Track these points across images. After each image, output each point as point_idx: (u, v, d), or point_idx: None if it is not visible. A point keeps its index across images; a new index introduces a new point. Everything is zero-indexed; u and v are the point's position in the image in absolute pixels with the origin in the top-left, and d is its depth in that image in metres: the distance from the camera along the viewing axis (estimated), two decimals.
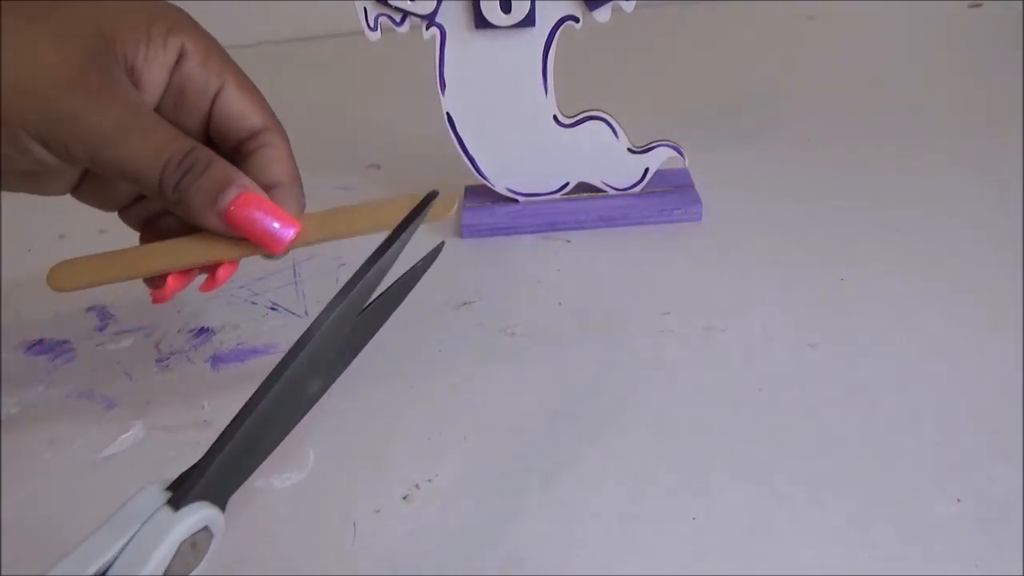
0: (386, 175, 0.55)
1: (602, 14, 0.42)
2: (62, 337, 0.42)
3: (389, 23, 0.42)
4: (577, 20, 0.42)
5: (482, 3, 0.41)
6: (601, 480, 0.31)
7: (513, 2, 0.41)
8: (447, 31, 0.43)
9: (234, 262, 0.31)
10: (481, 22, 0.42)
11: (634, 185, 0.48)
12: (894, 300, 0.39)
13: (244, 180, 0.29)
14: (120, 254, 0.32)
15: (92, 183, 0.33)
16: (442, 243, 0.32)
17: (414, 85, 0.56)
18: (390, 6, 0.42)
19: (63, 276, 0.31)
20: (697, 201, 0.47)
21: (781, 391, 0.34)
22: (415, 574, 0.28)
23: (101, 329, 0.42)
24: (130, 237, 0.35)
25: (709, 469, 0.31)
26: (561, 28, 0.43)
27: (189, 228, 0.30)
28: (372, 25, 0.42)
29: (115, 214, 0.35)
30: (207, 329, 0.41)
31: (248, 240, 0.29)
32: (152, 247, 0.31)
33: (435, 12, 0.42)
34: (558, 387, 0.36)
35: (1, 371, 0.40)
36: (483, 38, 0.43)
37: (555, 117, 0.45)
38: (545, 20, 0.42)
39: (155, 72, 0.28)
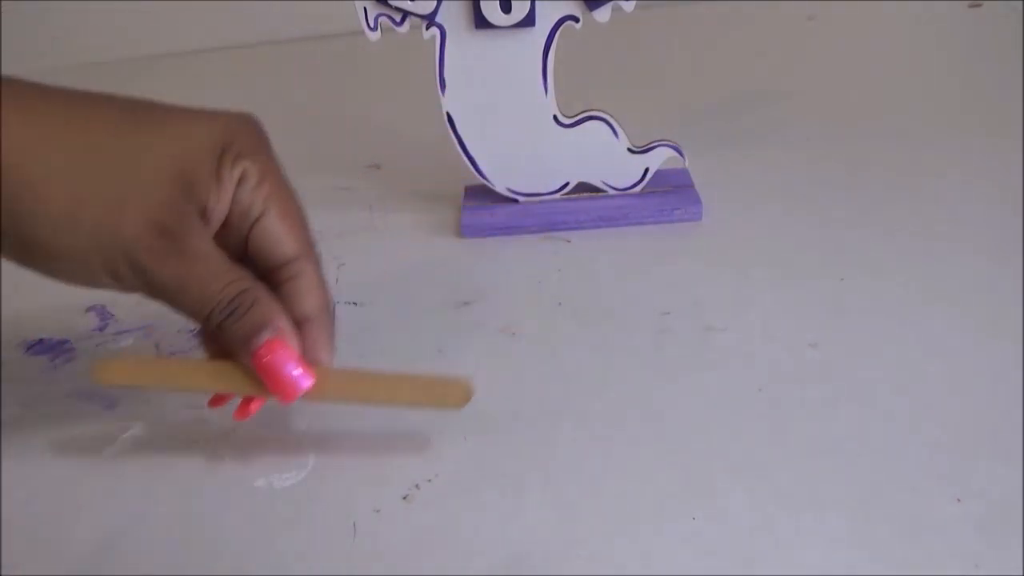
0: (386, 175, 0.55)
1: (602, 14, 0.42)
2: (62, 337, 0.42)
3: (389, 23, 0.42)
4: (577, 20, 0.42)
5: (482, 3, 0.41)
6: (601, 480, 0.31)
7: (513, 2, 0.41)
8: (447, 31, 0.43)
9: (264, 399, 0.32)
10: (481, 22, 0.42)
11: (634, 185, 0.48)
12: (894, 300, 0.39)
13: (280, 323, 0.30)
14: (166, 364, 0.34)
15: None
16: None
17: (414, 85, 0.56)
18: (390, 6, 0.42)
19: (108, 372, 0.31)
20: (697, 201, 0.47)
21: (781, 391, 0.34)
22: (415, 574, 0.28)
23: (101, 329, 0.42)
24: None
25: (709, 469, 0.31)
26: (561, 28, 0.43)
27: None
28: (372, 25, 0.42)
29: None
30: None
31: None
32: (198, 365, 0.32)
33: (435, 12, 0.42)
34: (558, 387, 0.36)
35: (1, 371, 0.40)
36: (483, 38, 0.43)
37: (555, 117, 0.45)
38: (545, 20, 0.42)
39: (222, 205, 0.30)
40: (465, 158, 0.46)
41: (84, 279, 0.28)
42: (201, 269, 0.29)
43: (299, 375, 0.30)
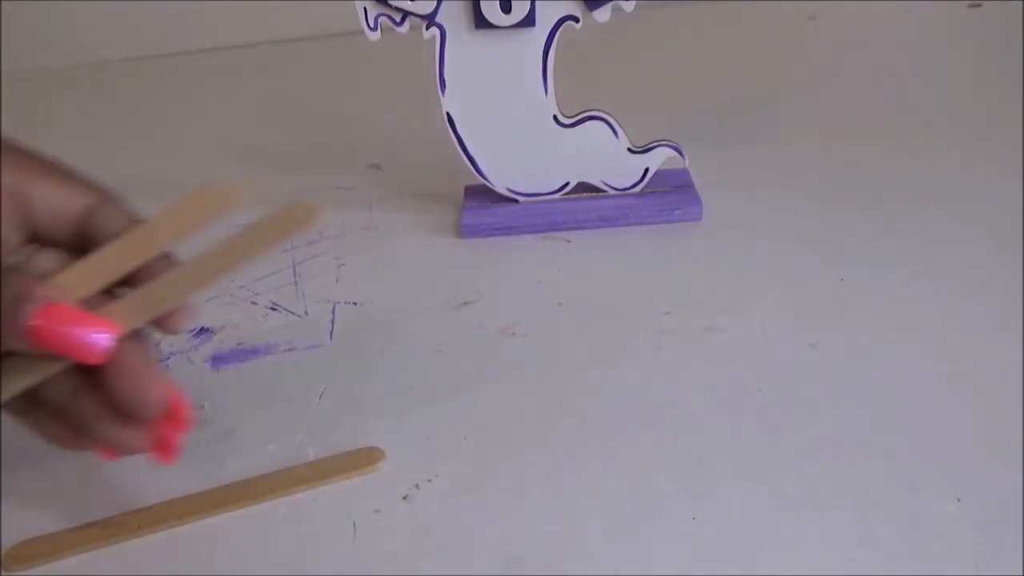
0: (386, 175, 0.55)
1: (602, 14, 0.42)
2: None
3: (389, 23, 0.42)
4: (577, 20, 0.42)
5: (482, 3, 0.41)
6: (601, 480, 0.31)
7: (513, 2, 0.41)
8: (447, 31, 0.43)
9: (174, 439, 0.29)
10: (481, 22, 0.42)
11: (634, 185, 0.48)
12: (894, 300, 0.39)
13: (44, 291, 0.26)
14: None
15: None
16: None
17: (414, 85, 0.56)
18: (390, 6, 0.42)
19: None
20: (697, 201, 0.47)
21: (781, 391, 0.34)
22: (415, 574, 0.28)
23: None
24: None
25: (709, 469, 0.31)
26: (561, 28, 0.43)
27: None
28: (372, 25, 0.42)
29: None
30: (207, 329, 0.41)
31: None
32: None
33: (435, 12, 0.42)
34: (558, 387, 0.36)
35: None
36: (483, 38, 0.43)
37: (555, 117, 0.45)
38: (545, 20, 0.42)
39: None
40: (465, 158, 0.46)
41: None
42: None
43: (90, 333, 0.26)
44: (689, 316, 0.39)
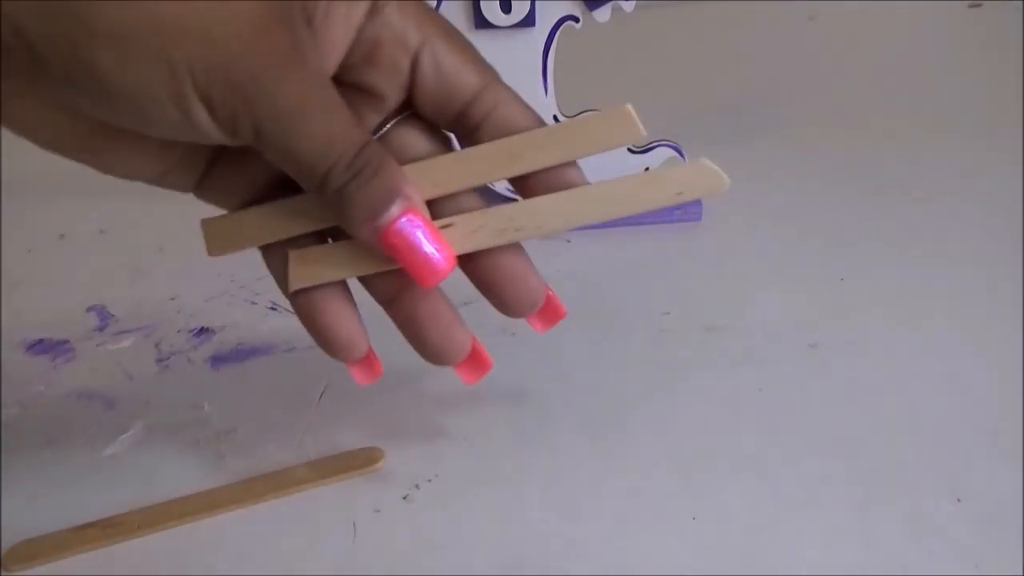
0: None
1: (602, 14, 0.42)
2: (62, 337, 0.42)
3: None
4: (577, 20, 0.42)
5: (482, 3, 0.41)
6: (601, 480, 0.31)
7: (513, 2, 0.41)
8: None
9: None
10: (481, 22, 0.42)
11: None
12: (894, 299, 0.39)
13: (412, 193, 0.24)
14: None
15: (222, 179, 0.26)
16: None
17: None
18: None
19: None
20: (697, 201, 0.47)
21: (781, 391, 0.34)
22: (415, 574, 0.28)
23: (101, 329, 0.42)
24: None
25: (709, 469, 0.31)
26: (561, 28, 0.43)
27: None
28: None
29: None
30: (207, 329, 0.41)
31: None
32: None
33: None
34: (558, 387, 0.36)
35: (1, 371, 0.40)
36: (483, 38, 0.43)
37: (555, 117, 0.45)
38: (545, 20, 0.42)
39: (337, 32, 0.23)
40: None
41: (152, 102, 0.20)
42: (325, 100, 0.22)
43: (435, 254, 0.24)
44: (689, 316, 0.39)
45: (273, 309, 0.43)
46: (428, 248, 0.24)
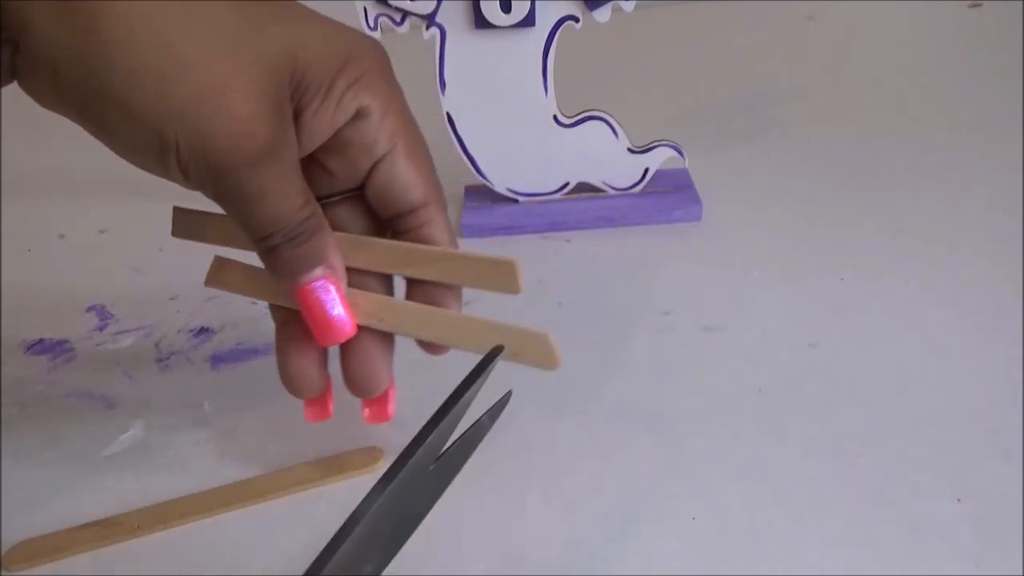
0: None
1: (602, 14, 0.42)
2: (62, 337, 0.42)
3: (389, 23, 0.42)
4: (577, 20, 0.42)
5: (482, 3, 0.41)
6: (601, 480, 0.31)
7: (513, 2, 0.41)
8: (447, 31, 0.43)
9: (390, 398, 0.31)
10: (481, 22, 0.42)
11: (634, 185, 0.48)
12: (894, 300, 0.39)
13: (334, 262, 0.27)
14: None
15: None
16: (509, 392, 0.30)
17: (414, 85, 0.55)
18: (390, 6, 0.42)
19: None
20: (697, 201, 0.47)
21: (781, 391, 0.34)
22: (415, 574, 0.28)
23: (101, 329, 0.42)
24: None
25: (709, 469, 0.31)
26: (561, 28, 0.43)
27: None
28: (372, 25, 0.42)
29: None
30: (207, 329, 0.41)
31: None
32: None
33: (435, 12, 0.42)
34: (558, 387, 0.36)
35: (1, 371, 0.40)
36: (483, 38, 0.43)
37: (555, 117, 0.45)
38: (545, 20, 0.42)
39: (318, 128, 0.26)
40: (465, 158, 0.46)
41: (146, 156, 0.24)
42: (286, 185, 0.25)
43: (341, 317, 0.28)
44: (689, 316, 0.39)
45: None
46: (335, 311, 0.28)
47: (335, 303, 0.28)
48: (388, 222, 0.29)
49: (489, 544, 0.29)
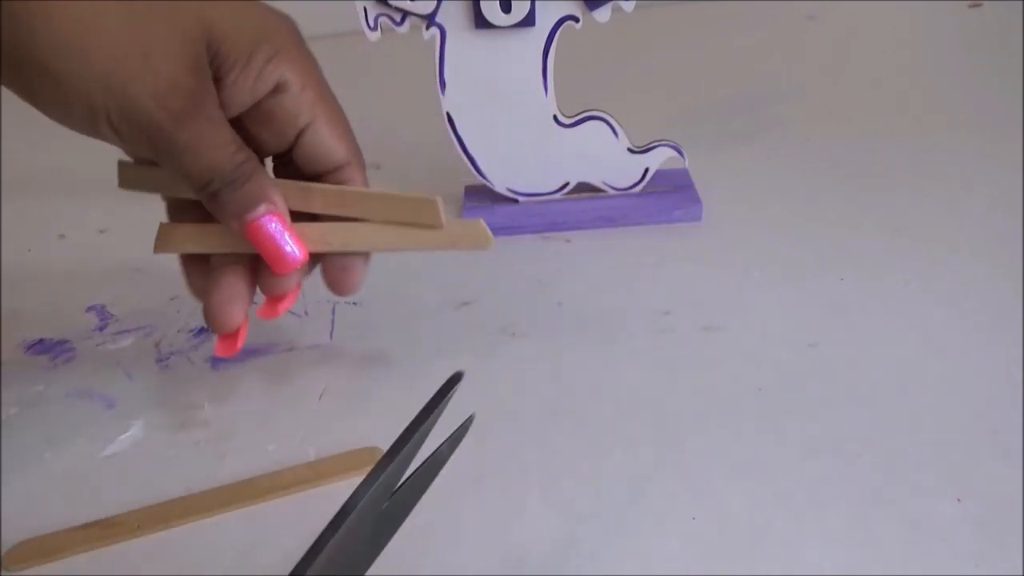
0: (386, 175, 0.55)
1: (602, 14, 0.42)
2: (62, 337, 0.42)
3: (389, 23, 0.42)
4: (577, 20, 0.42)
5: (482, 3, 0.41)
6: (601, 480, 0.31)
7: (513, 2, 0.41)
8: (447, 31, 0.43)
9: (294, 292, 0.33)
10: (481, 22, 0.42)
11: (634, 185, 0.48)
12: (894, 300, 0.39)
13: (277, 200, 0.30)
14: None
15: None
16: (471, 417, 0.29)
17: (414, 85, 0.56)
18: (390, 6, 0.42)
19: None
20: (697, 201, 0.47)
21: (781, 391, 0.34)
22: (415, 574, 0.28)
23: (101, 329, 0.42)
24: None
25: (709, 469, 0.31)
26: (561, 28, 0.43)
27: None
28: (372, 25, 0.42)
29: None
30: (207, 329, 0.41)
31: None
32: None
33: (435, 12, 0.42)
34: (558, 387, 0.36)
35: (1, 371, 0.40)
36: (483, 38, 0.43)
37: (555, 117, 0.45)
38: (545, 20, 0.42)
39: (238, 96, 0.29)
40: (465, 158, 0.46)
41: (79, 122, 0.27)
42: (215, 136, 0.28)
43: (291, 248, 0.30)
44: (689, 316, 0.39)
45: None
46: (284, 240, 0.30)
47: (283, 234, 0.30)
48: (313, 179, 0.32)
49: (489, 544, 0.29)
